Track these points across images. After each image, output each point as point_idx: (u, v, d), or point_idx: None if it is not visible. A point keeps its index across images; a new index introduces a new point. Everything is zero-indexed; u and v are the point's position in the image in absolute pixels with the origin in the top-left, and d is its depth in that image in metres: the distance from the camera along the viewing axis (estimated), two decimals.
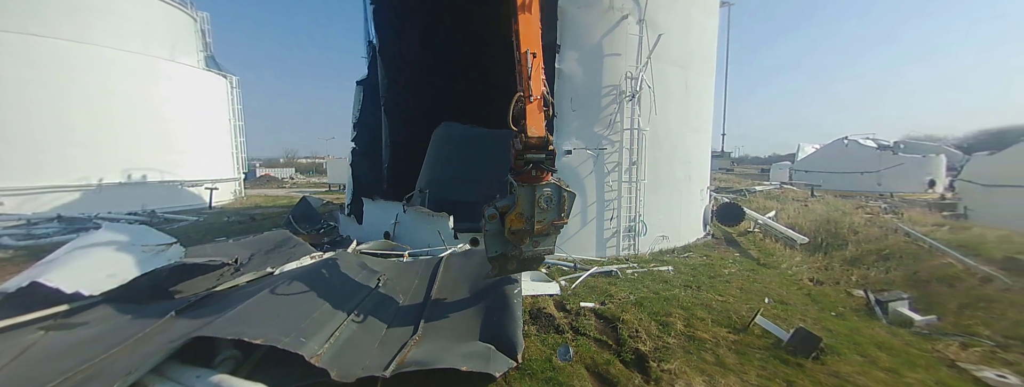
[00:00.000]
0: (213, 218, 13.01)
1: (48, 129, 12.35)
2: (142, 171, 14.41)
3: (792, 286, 6.12)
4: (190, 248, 5.84)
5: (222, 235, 9.41)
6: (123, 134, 13.93)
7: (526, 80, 3.70)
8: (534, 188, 3.70)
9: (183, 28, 17.36)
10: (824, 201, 14.69)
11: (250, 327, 3.14)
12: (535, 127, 3.66)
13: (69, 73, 12.71)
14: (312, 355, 2.95)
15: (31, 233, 9.78)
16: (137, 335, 3.82)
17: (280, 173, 40.63)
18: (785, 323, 4.37)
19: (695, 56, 8.57)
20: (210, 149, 17.42)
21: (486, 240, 3.98)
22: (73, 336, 3.99)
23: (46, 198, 12.25)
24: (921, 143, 26.62)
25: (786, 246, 8.46)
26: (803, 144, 31.82)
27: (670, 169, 8.11)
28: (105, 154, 13.47)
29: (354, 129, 10.63)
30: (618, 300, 4.90)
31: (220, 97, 18.37)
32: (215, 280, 5.13)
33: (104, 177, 13.37)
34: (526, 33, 3.84)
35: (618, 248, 7.49)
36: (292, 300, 3.87)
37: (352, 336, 3.54)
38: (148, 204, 13.79)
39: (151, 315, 4.26)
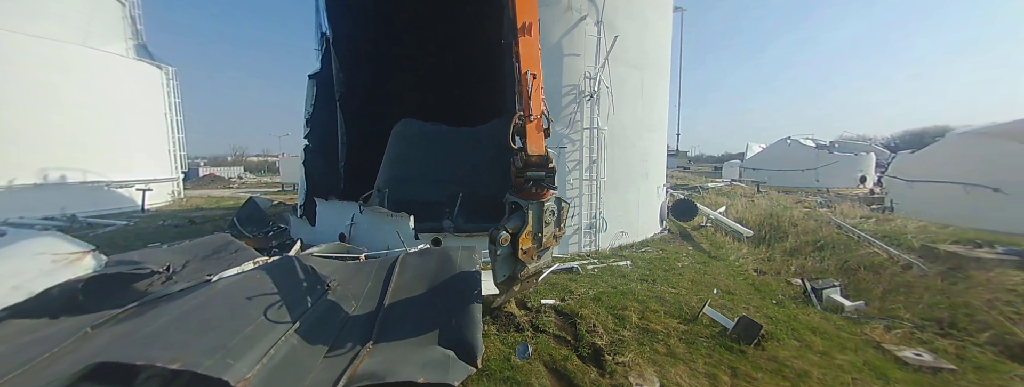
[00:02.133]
0: (146, 222, 11.85)
1: None
2: (61, 170, 12.87)
3: (738, 277, 6.45)
4: (114, 256, 5.27)
5: (155, 240, 8.61)
6: (38, 129, 12.38)
7: (526, 100, 3.76)
8: (542, 205, 3.79)
9: (109, 13, 15.68)
10: (768, 197, 15.72)
11: (168, 348, 2.84)
12: (535, 145, 3.72)
13: None
14: (239, 379, 2.67)
15: None
16: (42, 356, 3.38)
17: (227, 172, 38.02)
18: (731, 312, 4.60)
19: (650, 58, 8.85)
20: (143, 146, 15.80)
21: (496, 265, 3.95)
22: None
23: None
24: (854, 142, 29.17)
25: (734, 239, 8.95)
26: (751, 143, 33.97)
27: (628, 167, 8.33)
28: (16, 152, 11.90)
29: (306, 126, 10.07)
30: (578, 296, 4.95)
31: (154, 89, 16.75)
32: (143, 291, 4.65)
33: (15, 178, 11.84)
34: (526, 55, 3.90)
35: (579, 244, 7.61)
36: (223, 313, 3.53)
37: (292, 352, 3.26)
38: (68, 207, 12.32)
39: (62, 332, 3.78)
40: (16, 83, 11.98)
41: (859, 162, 23.36)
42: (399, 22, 10.35)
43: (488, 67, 10.77)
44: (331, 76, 9.66)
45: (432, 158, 9.47)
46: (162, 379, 2.95)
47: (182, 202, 17.30)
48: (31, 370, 3.22)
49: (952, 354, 4.07)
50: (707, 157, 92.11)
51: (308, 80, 10.18)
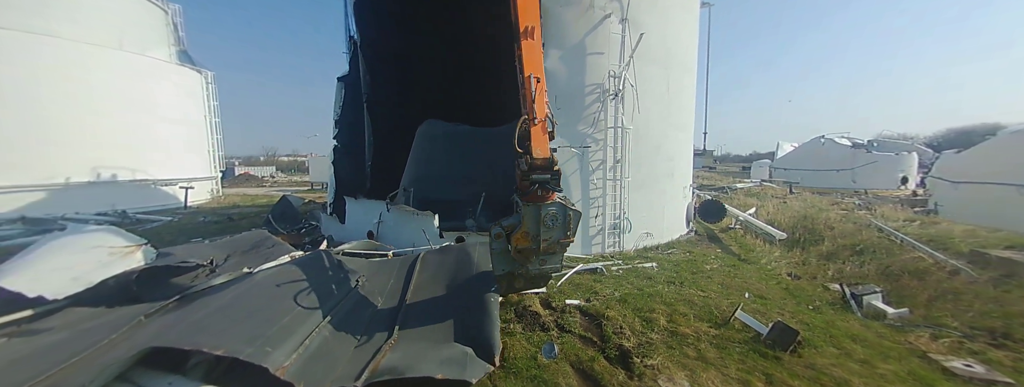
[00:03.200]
0: (188, 218, 12.55)
1: (10, 126, 11.72)
2: (112, 169, 13.78)
3: (771, 281, 6.25)
4: (162, 249, 5.62)
5: (197, 236, 9.10)
6: (91, 131, 13.30)
7: (530, 103, 3.77)
8: (539, 207, 3.76)
9: (154, 21, 16.66)
10: (801, 198, 15.11)
11: (213, 335, 2.98)
12: (540, 148, 3.72)
13: (33, 67, 12.10)
14: (277, 367, 2.77)
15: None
16: (102, 342, 3.64)
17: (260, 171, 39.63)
18: (764, 317, 4.46)
19: (676, 55, 8.67)
20: (185, 146, 16.76)
21: (492, 258, 4.07)
22: (36, 343, 3.78)
23: (8, 198, 11.60)
24: (894, 141, 27.61)
25: (765, 242, 8.66)
26: (782, 142, 32.66)
27: (653, 167, 8.19)
28: (72, 152, 12.83)
29: (335, 127, 10.40)
30: (603, 297, 4.92)
31: (195, 92, 17.70)
32: (189, 282, 4.93)
33: (71, 176, 12.75)
34: (529, 58, 3.93)
35: (603, 245, 7.54)
36: (262, 304, 3.69)
37: (324, 343, 3.36)
38: (119, 204, 13.18)
39: (118, 320, 4.07)
40: (72, 88, 12.91)
41: (900, 162, 22.10)
42: (424, 25, 10.54)
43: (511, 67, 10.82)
44: (359, 78, 9.93)
45: (456, 158, 9.59)
46: (208, 364, 3.13)
47: (220, 200, 18.21)
48: (90, 356, 3.48)
49: (1008, 367, 3.81)
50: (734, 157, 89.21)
51: (337, 83, 10.52)
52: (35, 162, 12.15)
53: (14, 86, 11.79)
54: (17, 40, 11.90)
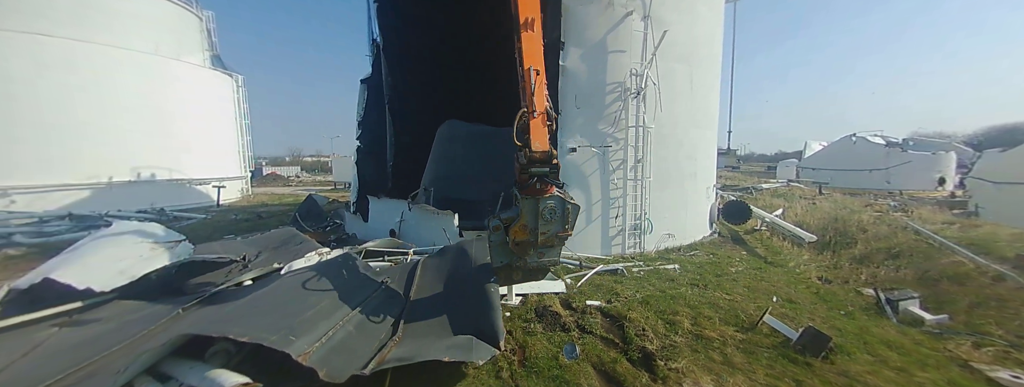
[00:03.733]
0: (220, 216, 13.13)
1: (58, 128, 12.50)
2: (151, 169, 14.53)
3: (800, 285, 6.06)
4: (198, 245, 5.89)
5: (230, 233, 9.49)
6: (131, 133, 14.05)
7: (529, 96, 3.76)
8: (537, 200, 3.74)
9: (189, 27, 17.45)
10: (832, 199, 14.54)
11: (240, 325, 3.11)
12: (539, 142, 3.71)
13: (78, 72, 12.84)
14: (300, 353, 2.87)
15: (42, 230, 9.90)
16: (142, 332, 3.86)
17: (286, 171, 40.92)
18: (793, 322, 4.34)
19: (701, 52, 8.49)
20: (217, 147, 17.53)
21: (491, 250, 4.05)
22: (84, 333, 4.04)
23: (57, 196, 12.40)
24: (930, 140, 26.24)
25: (794, 244, 8.39)
26: (810, 141, 31.49)
27: (676, 166, 8.05)
28: (114, 153, 13.59)
29: (359, 128, 10.64)
30: (624, 298, 4.88)
31: (226, 96, 18.46)
32: (223, 277, 5.17)
33: (114, 175, 13.51)
34: (529, 51, 3.90)
35: (623, 246, 7.46)
36: (288, 299, 3.82)
37: (347, 338, 3.44)
38: (157, 202, 13.88)
39: (158, 312, 4.30)
40: (113, 92, 13.66)
41: (937, 161, 20.98)
42: (445, 27, 10.65)
43: None
44: (381, 81, 10.12)
45: (475, 158, 9.68)
46: (226, 354, 3.23)
47: (250, 198, 18.93)
48: (132, 345, 3.70)
49: None
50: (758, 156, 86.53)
51: (360, 85, 10.76)
52: (80, 162, 12.91)
53: (62, 91, 12.56)
54: (65, 49, 12.67)
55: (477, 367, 3.60)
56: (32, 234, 9.43)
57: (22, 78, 11.96)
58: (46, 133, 12.32)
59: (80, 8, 13.53)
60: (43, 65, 12.26)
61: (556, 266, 4.76)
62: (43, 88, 12.28)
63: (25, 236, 9.13)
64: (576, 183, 7.31)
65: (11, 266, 7.01)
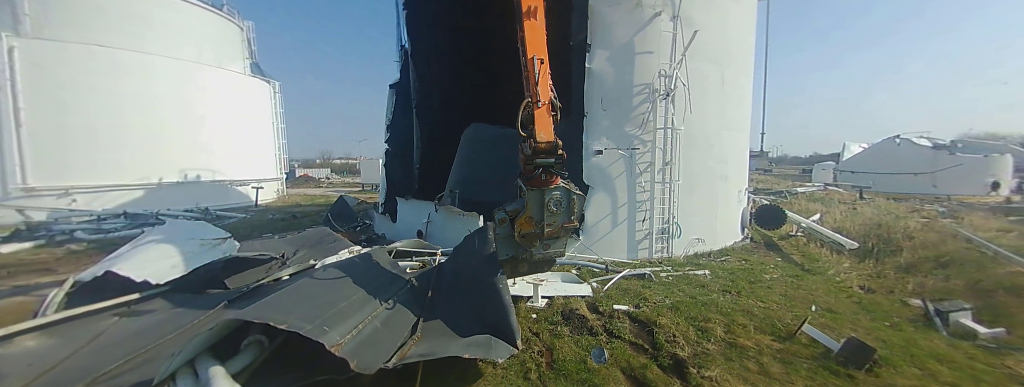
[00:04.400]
0: (259, 215, 13.81)
1: (114, 132, 13.49)
2: (196, 171, 15.47)
3: (840, 294, 5.80)
4: (241, 243, 6.22)
5: (267, 231, 9.96)
6: (179, 136, 15.01)
7: (533, 86, 3.73)
8: (543, 192, 3.70)
9: (231, 37, 18.49)
10: (874, 204, 13.79)
11: (278, 313, 3.20)
12: (544, 132, 3.66)
13: (128, 81, 13.82)
14: (333, 344, 2.94)
15: (101, 227, 10.70)
16: (192, 322, 4.13)
17: (317, 173, 42.40)
18: (834, 332, 4.16)
19: (732, 52, 8.29)
20: (256, 150, 18.48)
21: (496, 243, 4.00)
22: (141, 322, 4.35)
23: (112, 196, 13.38)
24: (981, 142, 24.41)
25: (833, 251, 8.02)
26: (849, 143, 29.95)
27: (706, 169, 7.87)
28: (163, 155, 14.57)
29: (387, 131, 10.92)
30: (653, 304, 4.81)
31: (264, 101, 19.44)
32: (264, 273, 5.45)
33: (163, 177, 14.48)
34: (532, 39, 3.86)
35: (650, 250, 7.35)
36: (323, 291, 3.90)
37: (375, 332, 3.50)
38: (201, 202, 14.77)
39: (205, 304, 4.57)
40: (163, 99, 14.62)
41: (990, 165, 19.48)
42: (470, 32, 10.82)
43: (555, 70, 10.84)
44: (409, 85, 10.38)
45: (500, 160, 9.72)
46: (260, 346, 3.36)
47: (285, 199, 19.81)
48: (183, 333, 3.96)
49: None
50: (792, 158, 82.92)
51: (389, 90, 11.08)
52: (134, 165, 13.89)
53: (117, 98, 13.54)
54: (119, 59, 13.67)
55: (504, 367, 3.64)
56: (91, 231, 10.19)
57: (80, 86, 12.96)
58: (104, 137, 13.30)
59: (134, 20, 14.60)
60: (98, 74, 13.24)
61: (561, 257, 4.64)
62: (99, 96, 13.26)
63: (85, 233, 9.89)
64: (601, 186, 7.27)
65: (74, 260, 7.62)
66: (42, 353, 3.65)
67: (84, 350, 3.79)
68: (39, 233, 9.70)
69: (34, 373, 3.31)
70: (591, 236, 7.24)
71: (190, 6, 16.39)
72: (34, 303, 4.89)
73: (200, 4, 16.80)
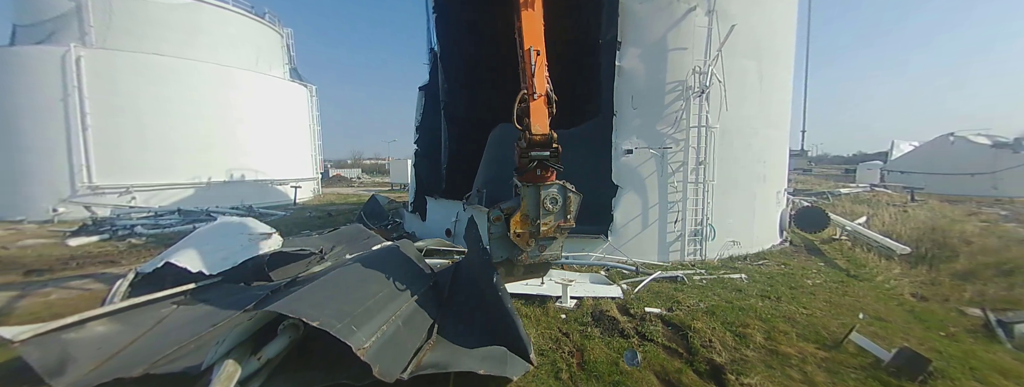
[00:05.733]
0: (297, 213, 14.48)
1: (167, 135, 14.48)
2: (241, 171, 16.40)
3: (890, 301, 5.46)
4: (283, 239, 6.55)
5: (305, 228, 10.43)
6: (225, 139, 15.95)
7: (529, 77, 3.67)
8: (539, 188, 3.62)
9: (272, 43, 19.46)
10: (926, 206, 12.87)
11: (312, 306, 3.26)
12: (539, 124, 3.61)
13: (180, 86, 14.74)
14: (359, 346, 2.94)
15: (158, 223, 11.53)
16: (240, 311, 4.39)
17: (348, 173, 43.86)
18: (884, 342, 3.93)
19: (772, 47, 7.95)
20: (294, 151, 19.37)
21: (490, 244, 3.87)
22: (196, 310, 4.67)
23: (167, 194, 14.40)
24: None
25: (881, 256, 7.55)
26: (898, 141, 28.02)
27: (742, 169, 7.58)
28: (211, 156, 15.52)
29: (416, 132, 11.16)
30: (686, 307, 4.70)
31: (302, 104, 20.35)
32: (304, 267, 5.73)
33: (212, 176, 15.44)
34: (529, 30, 3.81)
35: (682, 253, 7.16)
36: (352, 285, 3.88)
37: (397, 333, 3.48)
38: (245, 200, 15.65)
39: (253, 295, 4.85)
40: (210, 103, 15.54)
41: None
42: (499, 34, 10.88)
43: (580, 70, 10.75)
44: (438, 87, 10.57)
45: None
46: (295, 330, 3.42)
47: (320, 198, 20.65)
48: (231, 321, 4.21)
49: None
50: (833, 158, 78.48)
51: (418, 92, 11.32)
52: (186, 165, 14.86)
53: (170, 103, 14.52)
54: (172, 66, 14.64)
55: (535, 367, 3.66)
56: (150, 226, 11.00)
57: (141, 92, 13.97)
58: (160, 139, 14.30)
59: (187, 30, 15.61)
60: (153, 80, 14.20)
61: (557, 260, 4.46)
62: (157, 100, 14.25)
63: (144, 228, 10.68)
64: (631, 186, 7.16)
65: (135, 253, 8.25)
66: (109, 338, 3.96)
67: (146, 335, 4.10)
68: (103, 228, 10.55)
69: (103, 356, 3.62)
70: (620, 237, 7.14)
71: (236, 15, 17.35)
72: (103, 291, 5.35)
73: (244, 13, 17.75)
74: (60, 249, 8.69)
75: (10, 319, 4.64)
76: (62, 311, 4.54)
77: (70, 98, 12.80)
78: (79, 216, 12.18)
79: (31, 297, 5.46)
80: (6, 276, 6.57)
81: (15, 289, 5.82)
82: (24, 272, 6.78)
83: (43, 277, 6.51)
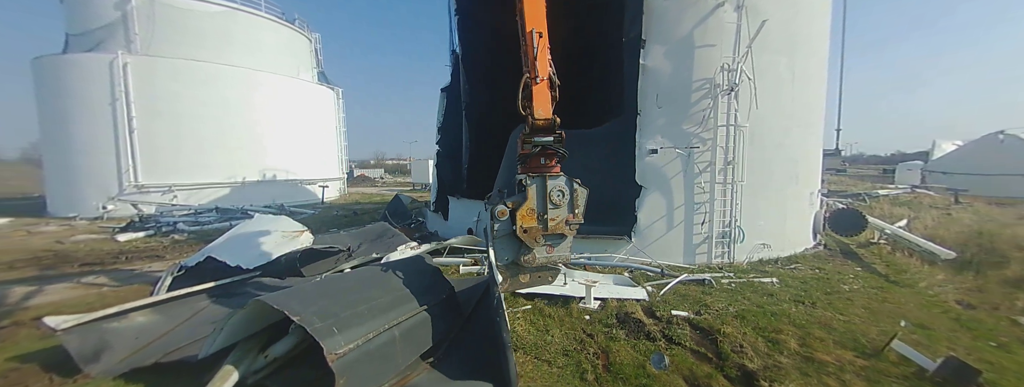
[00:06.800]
0: (325, 211, 14.99)
1: (205, 136, 15.22)
2: (272, 171, 17.12)
3: (933, 308, 5.18)
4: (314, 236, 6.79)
5: (333, 226, 10.75)
6: (258, 139, 16.67)
7: (532, 60, 3.59)
8: (545, 180, 3.53)
9: (301, 48, 20.19)
10: (972, 209, 12.11)
11: (300, 303, 3.14)
12: (542, 108, 3.54)
13: (215, 90, 15.47)
14: (332, 351, 2.76)
15: (198, 220, 12.15)
16: None
17: (371, 173, 44.92)
18: (929, 351, 3.73)
19: (805, 42, 7.66)
20: (321, 152, 20.04)
21: (495, 245, 3.64)
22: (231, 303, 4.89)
23: (206, 192, 15.17)
24: None
25: (923, 261, 7.16)
26: (939, 140, 26.44)
27: (773, 169, 7.34)
28: (245, 156, 16.25)
29: (438, 133, 11.30)
30: (715, 311, 4.60)
31: (329, 107, 21.03)
32: (333, 264, 5.93)
33: (246, 176, 16.19)
34: (531, 12, 3.74)
35: (710, 255, 7.00)
36: (353, 288, 3.69)
37: (387, 344, 3.22)
38: (277, 198, 16.34)
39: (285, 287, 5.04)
40: (244, 106, 16.23)
41: None
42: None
43: (602, 69, 10.64)
44: (459, 89, 10.67)
45: None
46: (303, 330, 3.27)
47: (346, 197, 21.31)
48: None
49: None
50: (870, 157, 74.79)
51: (440, 93, 11.46)
52: (223, 165, 15.62)
53: (206, 106, 15.25)
54: (207, 71, 15.36)
55: (560, 367, 3.67)
56: (190, 223, 11.60)
57: (181, 96, 14.71)
58: (198, 141, 15.07)
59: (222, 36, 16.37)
60: (194, 85, 14.96)
61: (566, 263, 4.31)
62: (196, 104, 15.00)
63: (185, 224, 11.28)
64: (656, 186, 7.05)
65: (177, 248, 8.73)
66: (148, 328, 4.18)
67: (182, 327, 4.30)
68: (149, 224, 11.19)
69: (137, 346, 3.83)
70: (644, 239, 7.04)
71: (268, 22, 18.10)
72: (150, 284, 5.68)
73: (276, 19, 18.48)
74: (110, 244, 9.28)
75: (63, 309, 4.99)
76: (113, 302, 4.83)
77: (117, 102, 13.64)
78: (126, 213, 13.00)
79: (84, 289, 5.86)
80: (62, 269, 7.08)
81: (71, 280, 6.27)
82: (79, 265, 7.29)
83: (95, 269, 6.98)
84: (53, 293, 5.72)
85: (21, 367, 3.65)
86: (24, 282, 6.28)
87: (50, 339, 3.96)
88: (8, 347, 4.04)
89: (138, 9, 14.72)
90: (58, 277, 6.51)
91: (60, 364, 3.60)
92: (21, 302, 5.36)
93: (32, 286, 6.04)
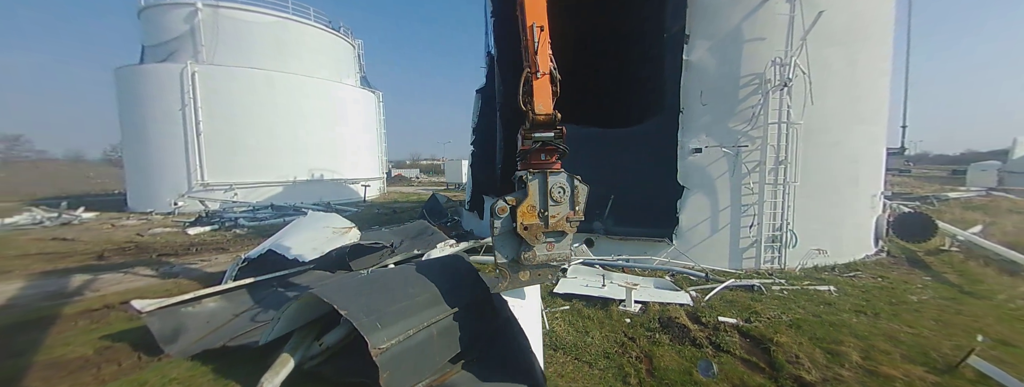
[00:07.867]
0: (367, 209, 15.69)
1: (261, 139, 16.41)
2: (320, 171, 18.17)
3: (1015, 323, 4.67)
4: None
5: (374, 223, 11.23)
6: (310, 141, 17.78)
7: (532, 55, 3.53)
8: (545, 176, 3.49)
9: (346, 55, 21.25)
10: None
11: (347, 297, 3.27)
12: (542, 104, 3.48)
13: (271, 94, 16.63)
14: (376, 346, 2.86)
15: (256, 216, 13.14)
16: None
17: (408, 173, 46.33)
18: (1012, 368, 3.38)
19: (865, 33, 7.10)
20: (364, 153, 21.03)
21: (496, 242, 3.63)
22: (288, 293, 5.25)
23: (262, 191, 16.36)
24: None
25: (1002, 271, 6.47)
26: (1020, 138, 23.63)
27: (830, 169, 6.87)
28: (299, 157, 17.39)
29: (473, 133, 11.47)
30: (767, 319, 4.39)
31: (371, 109, 22.02)
32: (378, 259, 6.21)
33: (297, 175, 17.31)
34: (532, 6, 3.66)
35: (758, 260, 6.67)
36: (396, 284, 3.77)
37: (425, 341, 3.31)
38: (324, 197, 17.34)
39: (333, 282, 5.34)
40: (295, 109, 17.31)
41: None
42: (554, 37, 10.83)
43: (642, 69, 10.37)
44: (494, 90, 10.78)
45: (583, 161, 9.59)
46: None
47: (385, 196, 22.19)
48: None
49: None
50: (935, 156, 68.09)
51: (475, 95, 11.63)
52: (276, 166, 16.78)
53: (261, 109, 16.40)
54: (262, 77, 16.50)
55: (602, 368, 3.64)
56: (249, 219, 12.54)
57: (239, 101, 15.91)
58: (256, 143, 16.27)
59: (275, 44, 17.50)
60: (251, 91, 16.15)
61: (566, 261, 4.21)
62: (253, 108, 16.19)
63: (245, 220, 12.21)
64: (700, 187, 6.81)
65: (240, 241, 9.47)
66: (217, 313, 4.58)
67: (244, 315, 4.66)
68: (214, 219, 12.21)
69: (208, 329, 4.22)
70: (686, 241, 6.83)
71: (316, 30, 19.20)
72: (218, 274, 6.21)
73: (323, 27, 19.56)
74: (182, 237, 10.21)
75: (146, 293, 5.55)
76: (188, 288, 5.33)
77: (187, 108, 14.97)
78: (194, 209, 14.26)
79: (161, 278, 6.51)
80: (141, 258, 7.88)
81: (153, 268, 6.98)
82: (157, 255, 8.08)
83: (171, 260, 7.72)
84: (136, 280, 6.39)
85: (114, 345, 4.10)
86: (113, 269, 7.06)
87: (136, 320, 4.42)
88: (102, 327, 4.55)
89: (204, 22, 16.05)
90: (138, 263, 7.27)
91: (146, 344, 4.02)
92: (110, 287, 6.03)
93: (120, 273, 6.78)
